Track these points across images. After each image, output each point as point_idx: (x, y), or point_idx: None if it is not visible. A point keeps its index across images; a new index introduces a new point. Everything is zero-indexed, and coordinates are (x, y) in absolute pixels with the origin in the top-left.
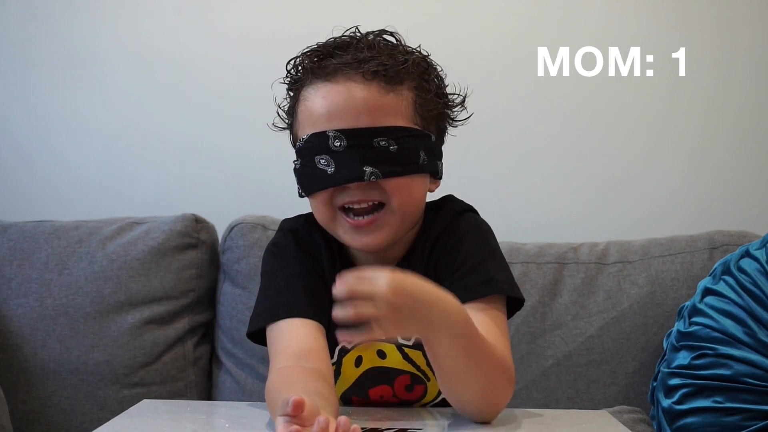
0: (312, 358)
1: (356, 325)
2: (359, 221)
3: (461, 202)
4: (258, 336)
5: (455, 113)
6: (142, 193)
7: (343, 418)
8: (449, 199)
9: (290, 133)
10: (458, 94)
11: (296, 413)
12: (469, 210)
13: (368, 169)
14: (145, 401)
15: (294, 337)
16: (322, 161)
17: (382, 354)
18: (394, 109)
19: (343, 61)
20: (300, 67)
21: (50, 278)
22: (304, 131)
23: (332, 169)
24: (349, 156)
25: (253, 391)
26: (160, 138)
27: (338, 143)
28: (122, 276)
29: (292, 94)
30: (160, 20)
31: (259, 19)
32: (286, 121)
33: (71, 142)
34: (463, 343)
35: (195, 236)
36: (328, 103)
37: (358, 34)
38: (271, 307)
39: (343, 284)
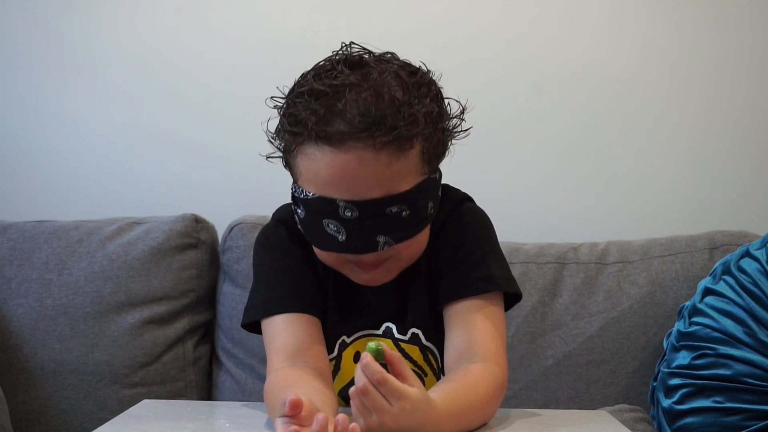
0: (309, 357)
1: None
2: (368, 268)
3: (458, 190)
4: (253, 325)
5: (457, 131)
6: (142, 193)
7: (341, 416)
8: (446, 188)
9: (283, 163)
10: (457, 103)
11: (294, 413)
12: (467, 198)
13: (381, 239)
14: (145, 401)
15: (290, 335)
16: (332, 226)
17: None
18: (405, 171)
19: (351, 128)
20: (297, 119)
21: (50, 278)
22: (308, 187)
23: (343, 237)
24: (361, 226)
25: (253, 391)
26: (160, 138)
27: (349, 213)
28: (122, 276)
29: (288, 139)
30: (160, 20)
31: (258, 19)
32: (279, 149)
33: (71, 142)
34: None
35: (195, 236)
36: (337, 174)
37: (352, 79)
38: (265, 301)
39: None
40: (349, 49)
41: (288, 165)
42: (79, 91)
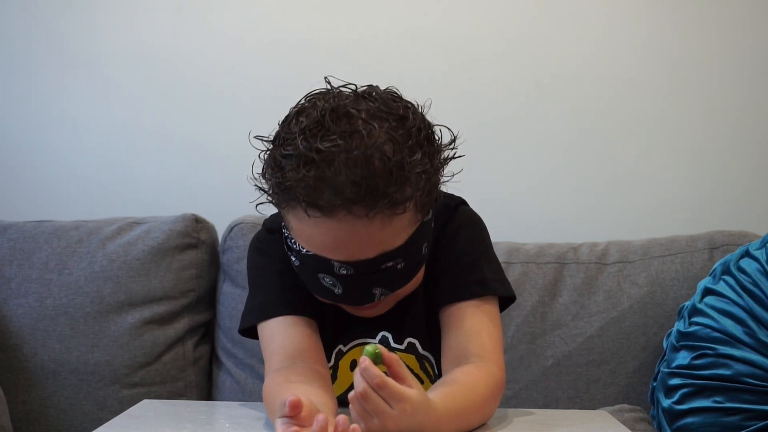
0: (307, 358)
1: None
2: (363, 309)
3: (452, 195)
4: (250, 331)
5: (448, 160)
6: (142, 193)
7: (341, 417)
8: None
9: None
10: (448, 131)
11: (294, 413)
12: (462, 202)
13: (377, 291)
14: (145, 401)
15: (288, 337)
16: (327, 280)
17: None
18: (399, 228)
19: (342, 199)
20: (286, 186)
21: (50, 278)
22: (301, 243)
23: (339, 291)
24: (357, 282)
25: (253, 391)
26: (160, 138)
27: (344, 271)
28: (122, 276)
29: (277, 197)
30: (160, 20)
31: (258, 19)
32: (266, 193)
33: (71, 142)
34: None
35: (195, 236)
36: (329, 240)
37: (340, 143)
38: (262, 305)
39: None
40: (330, 87)
41: (278, 211)
42: (79, 91)
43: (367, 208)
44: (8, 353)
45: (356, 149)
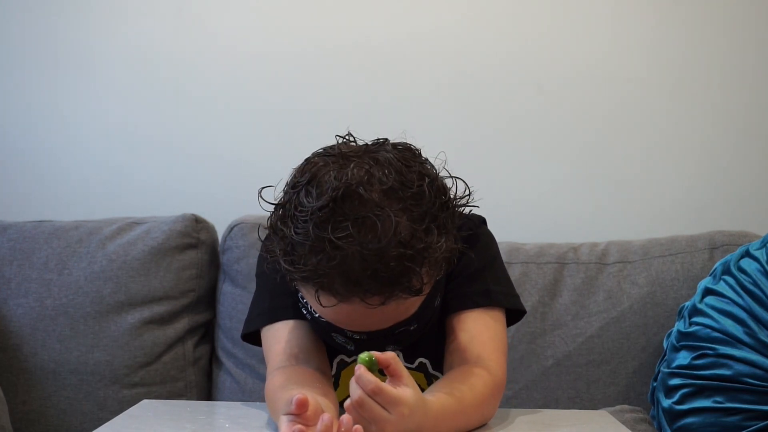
0: (311, 358)
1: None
2: None
3: (472, 216)
4: (251, 337)
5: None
6: (142, 193)
7: (345, 417)
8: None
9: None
10: (464, 184)
11: (300, 412)
12: (482, 223)
13: (390, 348)
14: (145, 401)
15: (293, 338)
16: (340, 339)
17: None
18: (413, 303)
19: (358, 290)
20: (298, 271)
21: (50, 278)
22: (313, 309)
23: (352, 347)
24: (371, 342)
25: (253, 391)
26: (160, 138)
27: (358, 336)
28: (122, 276)
29: (289, 273)
30: (160, 20)
31: (258, 19)
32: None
33: (71, 143)
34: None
35: (195, 236)
36: (342, 318)
37: (353, 233)
38: (271, 309)
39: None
40: (340, 149)
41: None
42: (79, 91)
43: (382, 298)
44: (8, 353)
45: (370, 242)
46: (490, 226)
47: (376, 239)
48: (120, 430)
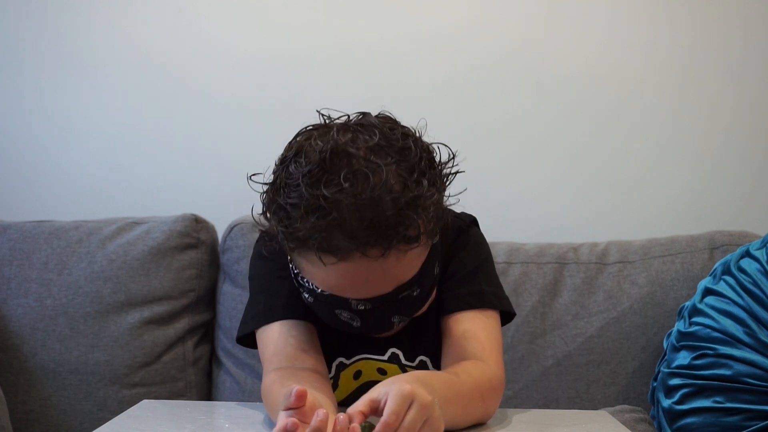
0: (308, 359)
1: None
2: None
3: (463, 215)
4: (246, 339)
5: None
6: (142, 193)
7: (342, 415)
8: (452, 214)
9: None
10: (446, 149)
11: (300, 404)
12: (473, 223)
13: (396, 319)
14: (145, 401)
15: (290, 338)
16: (345, 315)
17: (382, 371)
18: (414, 259)
19: (356, 243)
20: (295, 235)
21: (50, 278)
22: (315, 284)
23: (358, 324)
24: (375, 313)
25: (253, 391)
26: (160, 138)
27: (362, 306)
28: (122, 276)
29: (285, 243)
30: (160, 20)
31: (258, 19)
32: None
33: (71, 143)
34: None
35: (195, 236)
36: (345, 282)
37: (346, 187)
38: (266, 310)
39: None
40: (324, 121)
41: (287, 253)
42: (79, 91)
43: (381, 249)
44: (8, 353)
45: (363, 192)
46: (490, 226)
47: (369, 189)
48: (120, 430)
